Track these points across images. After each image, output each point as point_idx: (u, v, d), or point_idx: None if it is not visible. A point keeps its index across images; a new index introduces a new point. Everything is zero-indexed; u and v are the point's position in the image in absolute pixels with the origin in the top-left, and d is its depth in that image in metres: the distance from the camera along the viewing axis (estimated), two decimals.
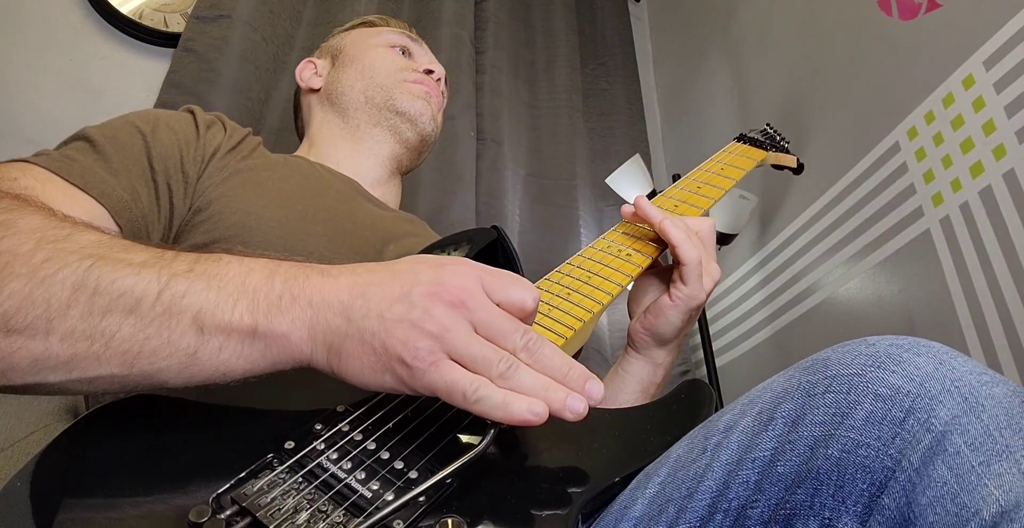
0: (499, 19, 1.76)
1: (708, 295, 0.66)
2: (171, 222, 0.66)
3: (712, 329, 1.62)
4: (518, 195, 1.62)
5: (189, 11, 1.35)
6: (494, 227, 0.78)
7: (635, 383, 0.69)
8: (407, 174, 0.97)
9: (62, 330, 0.38)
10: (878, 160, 1.22)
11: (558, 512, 0.41)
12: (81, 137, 0.66)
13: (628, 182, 1.56)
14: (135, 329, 0.39)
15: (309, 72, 0.97)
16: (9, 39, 1.25)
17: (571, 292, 0.61)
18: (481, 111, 1.61)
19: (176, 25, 1.38)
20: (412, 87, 0.91)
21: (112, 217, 0.60)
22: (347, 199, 0.80)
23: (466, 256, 0.70)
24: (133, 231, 0.61)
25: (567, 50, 1.88)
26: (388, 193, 0.91)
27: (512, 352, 0.41)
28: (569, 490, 0.43)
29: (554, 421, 0.40)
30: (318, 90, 0.95)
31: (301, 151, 0.93)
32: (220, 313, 0.40)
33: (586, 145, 1.80)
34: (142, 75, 1.33)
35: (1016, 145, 0.97)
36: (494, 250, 0.74)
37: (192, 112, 0.76)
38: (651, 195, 1.64)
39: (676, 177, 1.76)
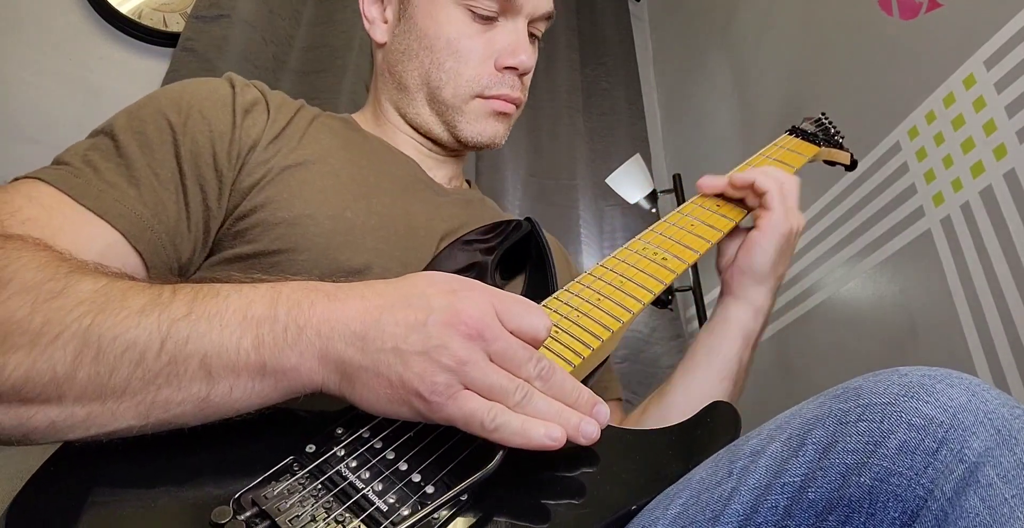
0: None
1: (797, 233, 0.69)
2: (207, 226, 0.61)
3: None
4: (518, 195, 1.62)
5: (188, 11, 1.35)
6: (527, 219, 0.75)
7: (738, 330, 0.69)
8: None
9: (73, 393, 0.38)
10: (879, 160, 1.22)
11: None
12: (107, 132, 0.61)
13: (628, 182, 1.56)
14: (144, 382, 0.39)
15: (373, 6, 0.80)
16: (9, 38, 1.25)
17: (602, 298, 0.59)
18: None
19: (176, 25, 1.38)
20: (482, 108, 0.74)
21: (128, 242, 0.56)
22: (404, 190, 0.72)
23: (499, 249, 0.68)
24: (155, 252, 0.57)
25: (567, 50, 1.88)
26: (451, 170, 0.82)
27: (527, 380, 0.41)
28: (585, 516, 0.42)
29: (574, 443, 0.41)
30: (382, 45, 0.79)
31: (367, 112, 0.82)
32: (226, 354, 0.40)
33: (586, 145, 1.80)
34: (142, 75, 1.33)
35: (1016, 145, 0.97)
36: (527, 243, 0.73)
37: (233, 87, 0.67)
38: (651, 195, 1.64)
39: (676, 177, 1.76)
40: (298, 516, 0.38)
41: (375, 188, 0.69)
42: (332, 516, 0.39)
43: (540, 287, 0.70)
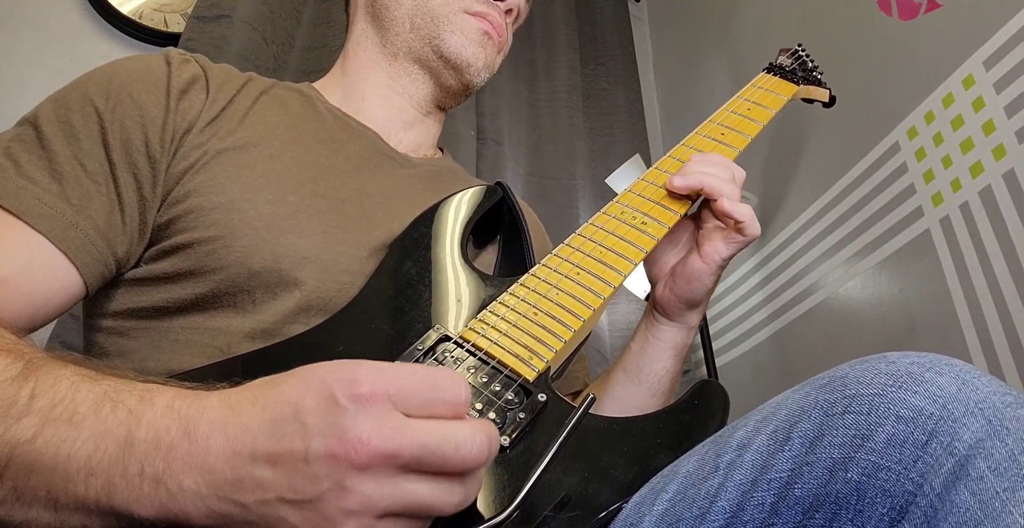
0: None
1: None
2: (144, 216, 0.58)
3: (712, 329, 1.62)
4: (517, 194, 1.62)
5: (189, 11, 1.35)
6: (499, 184, 0.73)
7: (670, 349, 0.67)
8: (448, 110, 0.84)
9: None
10: (878, 160, 1.22)
11: None
12: (31, 121, 0.58)
13: (628, 182, 1.56)
14: None
15: None
16: (9, 38, 1.25)
17: (581, 271, 0.57)
18: (481, 110, 1.61)
19: (176, 25, 1.38)
20: (469, 23, 0.75)
21: (52, 243, 0.52)
22: (360, 167, 0.68)
23: (470, 220, 0.66)
24: (83, 250, 0.54)
25: (567, 50, 1.88)
26: (421, 135, 0.79)
27: (460, 468, 0.34)
28: (576, 519, 0.42)
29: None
30: None
31: (332, 76, 0.80)
32: (72, 489, 0.34)
33: (586, 145, 1.80)
34: None
35: (1016, 145, 0.97)
36: (499, 209, 0.71)
37: (169, 64, 0.63)
38: None
39: None
40: None
41: (325, 169, 0.65)
42: None
43: (515, 255, 0.68)
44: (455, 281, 0.59)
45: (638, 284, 1.53)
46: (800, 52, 0.86)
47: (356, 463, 0.32)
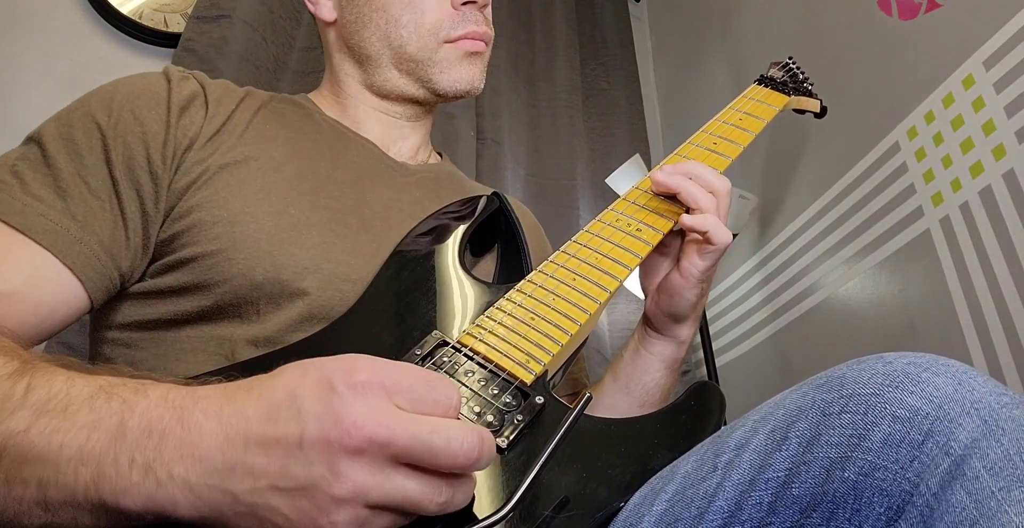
0: (499, 19, 1.75)
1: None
2: (147, 231, 0.59)
3: (712, 329, 1.62)
4: (518, 195, 1.62)
5: (189, 11, 1.35)
6: (495, 194, 0.74)
7: (660, 362, 0.67)
8: None
9: None
10: (878, 160, 1.22)
11: None
12: (35, 140, 0.59)
13: (628, 182, 1.56)
14: None
15: None
16: (9, 39, 1.25)
17: (577, 278, 0.57)
18: (481, 110, 1.61)
19: (176, 25, 1.38)
20: (452, 54, 0.73)
21: (57, 258, 0.53)
22: (360, 177, 0.68)
23: (467, 229, 0.67)
24: (87, 265, 0.55)
25: (567, 50, 1.88)
26: (419, 138, 0.79)
27: (450, 471, 0.35)
28: (575, 518, 0.42)
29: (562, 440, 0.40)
30: (332, 23, 0.77)
31: (325, 92, 0.79)
32: (63, 482, 0.35)
33: (586, 145, 1.80)
34: None
35: (1016, 145, 0.97)
36: (496, 220, 0.71)
37: (169, 81, 0.64)
38: None
39: None
40: None
41: (325, 180, 0.66)
42: None
43: (513, 264, 0.68)
44: (453, 288, 0.60)
45: (639, 285, 1.53)
46: (791, 64, 0.87)
47: (349, 447, 0.32)
